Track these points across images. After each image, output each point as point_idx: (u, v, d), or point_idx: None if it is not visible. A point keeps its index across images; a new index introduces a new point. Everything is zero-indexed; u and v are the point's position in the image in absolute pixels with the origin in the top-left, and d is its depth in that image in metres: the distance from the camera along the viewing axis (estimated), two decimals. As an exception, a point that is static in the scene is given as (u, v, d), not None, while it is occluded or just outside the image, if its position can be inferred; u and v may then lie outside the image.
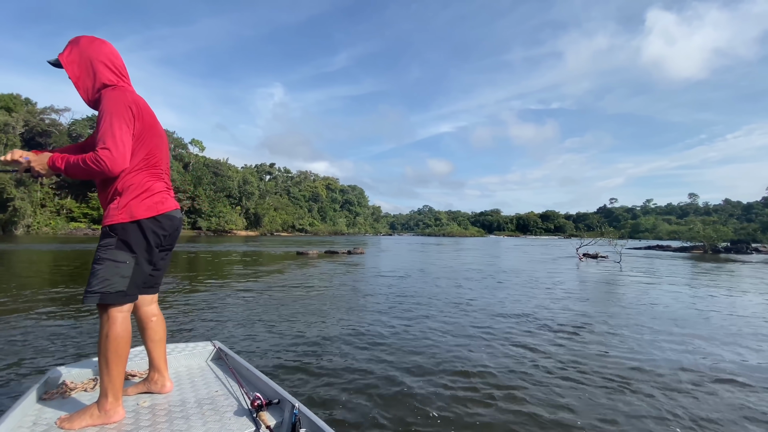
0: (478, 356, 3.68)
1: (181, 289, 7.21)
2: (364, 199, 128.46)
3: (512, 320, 5.13)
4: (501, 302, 6.39)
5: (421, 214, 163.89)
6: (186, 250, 19.10)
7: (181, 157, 72.10)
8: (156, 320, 1.77)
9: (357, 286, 8.03)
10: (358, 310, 5.64)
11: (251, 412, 1.50)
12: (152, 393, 1.72)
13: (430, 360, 3.53)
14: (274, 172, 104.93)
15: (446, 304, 6.13)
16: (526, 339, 4.28)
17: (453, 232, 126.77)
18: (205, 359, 2.17)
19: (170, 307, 5.54)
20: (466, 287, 8.14)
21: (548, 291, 7.82)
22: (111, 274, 1.44)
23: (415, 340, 4.15)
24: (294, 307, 5.78)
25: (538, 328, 4.76)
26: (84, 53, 1.57)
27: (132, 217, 1.48)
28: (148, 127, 1.57)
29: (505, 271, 11.86)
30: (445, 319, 5.15)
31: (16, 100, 55.12)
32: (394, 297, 6.78)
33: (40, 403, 1.60)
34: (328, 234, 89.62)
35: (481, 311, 5.64)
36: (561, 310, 5.86)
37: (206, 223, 65.80)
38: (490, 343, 4.10)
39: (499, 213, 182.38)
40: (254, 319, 4.92)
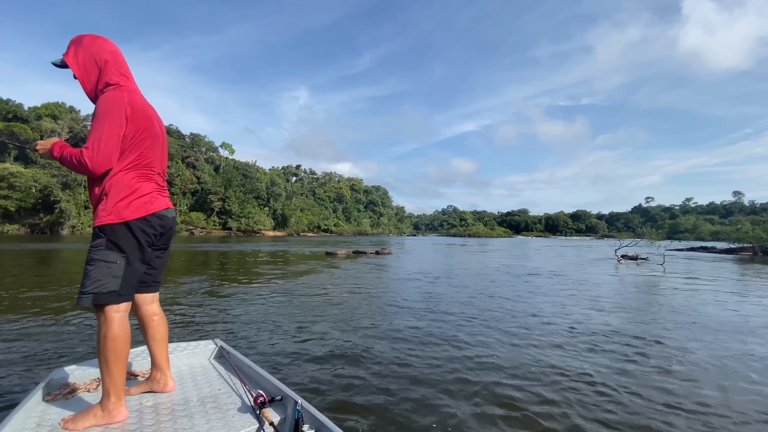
0: (505, 371, 3.42)
1: (213, 289, 7.33)
2: (387, 200, 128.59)
3: (549, 331, 4.70)
4: (538, 309, 6.02)
5: (446, 214, 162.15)
6: (217, 250, 19.74)
7: (212, 160, 74.66)
8: (157, 319, 1.77)
9: (383, 288, 7.92)
10: (381, 313, 5.49)
11: (254, 409, 1.49)
12: (155, 392, 1.72)
13: (444, 368, 3.34)
14: (300, 173, 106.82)
15: (480, 311, 5.87)
16: (571, 357, 3.74)
17: (479, 232, 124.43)
18: (207, 357, 2.17)
19: (199, 306, 5.63)
20: (498, 292, 7.84)
21: (589, 298, 7.37)
22: (102, 274, 1.45)
23: (433, 346, 3.93)
24: (318, 308, 5.73)
25: (584, 344, 4.17)
26: (88, 52, 1.58)
27: (120, 218, 1.48)
28: (142, 129, 1.57)
29: (538, 274, 11.43)
30: (474, 329, 4.80)
31: (61, 108, 58.81)
32: (421, 300, 6.60)
33: (43, 403, 1.61)
34: (353, 234, 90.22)
35: (514, 319, 5.27)
36: (606, 321, 5.46)
37: (236, 223, 67.80)
38: (515, 356, 3.83)
39: (527, 213, 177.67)
40: (276, 319, 4.91)
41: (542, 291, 7.84)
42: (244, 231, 67.71)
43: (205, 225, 64.30)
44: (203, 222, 64.42)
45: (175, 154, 64.74)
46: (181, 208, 63.70)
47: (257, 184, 76.93)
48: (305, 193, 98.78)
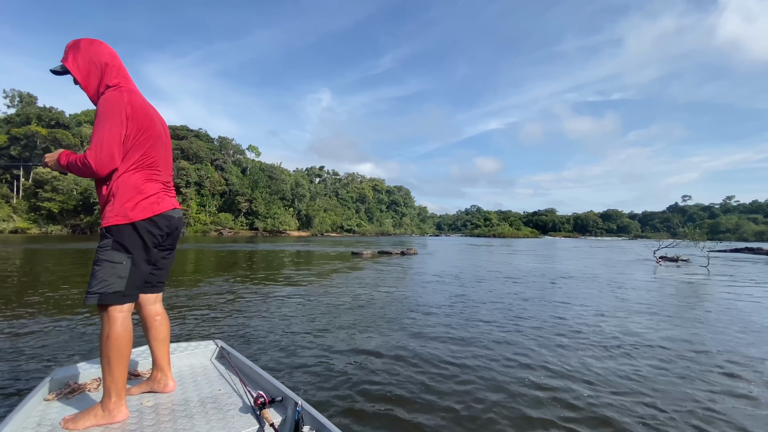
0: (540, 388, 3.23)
1: (234, 289, 7.43)
2: (410, 200, 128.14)
3: (590, 341, 4.24)
4: (576, 315, 5.69)
5: (469, 214, 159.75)
6: (243, 250, 20.22)
7: (239, 162, 76.81)
8: (160, 319, 1.77)
9: (409, 290, 7.77)
10: (403, 317, 5.27)
11: (254, 409, 1.48)
12: (155, 392, 1.72)
13: (459, 378, 3.17)
14: (323, 174, 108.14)
15: (512, 318, 5.60)
16: (614, 374, 3.29)
17: (504, 232, 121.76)
18: (208, 358, 2.16)
19: (216, 306, 5.69)
20: (531, 295, 7.54)
21: (630, 303, 6.95)
22: (108, 275, 1.46)
23: (456, 354, 3.69)
24: (338, 310, 5.66)
25: (637, 356, 3.77)
26: (87, 55, 1.60)
27: (127, 219, 1.49)
28: (143, 128, 1.57)
29: (571, 277, 10.98)
30: (507, 336, 4.53)
31: (100, 115, 61.89)
32: (448, 303, 6.36)
33: (44, 403, 1.61)
34: (375, 234, 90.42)
35: (549, 326, 4.94)
36: (654, 330, 5.10)
37: (262, 224, 69.43)
38: (550, 369, 3.58)
39: (555, 212, 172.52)
40: (293, 321, 4.86)
41: (577, 295, 7.49)
42: (270, 231, 69.21)
43: (233, 225, 66.16)
44: (231, 222, 66.32)
45: (204, 156, 67.04)
46: (210, 209, 65.86)
47: (282, 185, 78.49)
48: (328, 194, 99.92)
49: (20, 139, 50.01)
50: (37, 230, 46.52)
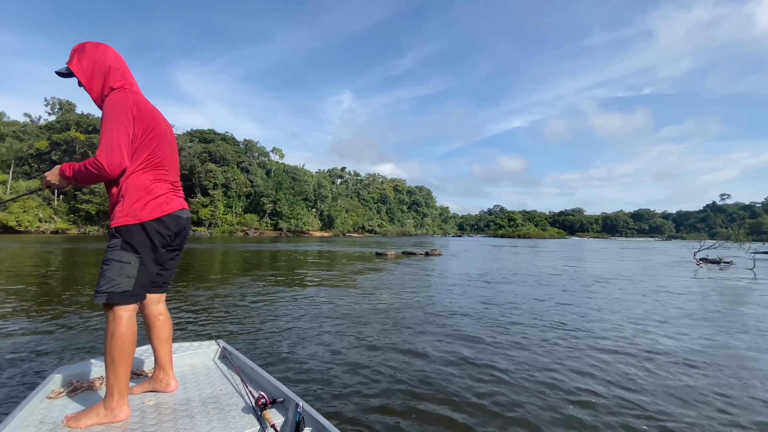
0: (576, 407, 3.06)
1: (256, 289, 7.50)
2: (431, 200, 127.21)
3: (631, 353, 3.86)
4: (614, 325, 5.36)
5: (492, 214, 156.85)
6: (268, 249, 20.60)
7: (263, 164, 78.58)
8: (163, 319, 1.77)
9: (434, 292, 7.63)
10: (425, 322, 5.10)
11: (255, 410, 1.49)
12: (157, 392, 1.72)
13: (474, 391, 3.00)
14: (344, 175, 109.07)
15: (541, 326, 5.36)
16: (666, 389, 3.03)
17: (529, 233, 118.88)
18: (210, 358, 2.16)
19: (237, 306, 5.75)
20: (564, 300, 7.24)
21: (672, 309, 6.53)
22: (117, 274, 1.47)
23: (480, 364, 3.45)
24: (357, 312, 5.59)
25: (681, 373, 3.38)
26: (91, 58, 1.61)
27: (136, 219, 1.50)
28: (150, 128, 1.58)
29: (604, 280, 10.53)
30: (530, 346, 4.21)
31: (134, 120, 64.83)
32: (472, 307, 6.16)
33: (47, 401, 1.61)
34: (397, 235, 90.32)
35: (583, 335, 4.68)
36: (704, 339, 4.81)
37: (286, 224, 70.77)
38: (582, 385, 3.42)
39: (582, 212, 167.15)
40: (313, 323, 4.81)
41: (614, 299, 7.16)
42: (293, 231, 70.45)
43: (259, 226, 67.76)
44: (257, 223, 67.95)
45: (230, 159, 69.02)
46: (237, 210, 67.72)
47: (305, 186, 79.74)
48: (350, 195, 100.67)
49: (60, 145, 53.15)
50: (76, 230, 49.25)
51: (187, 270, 10.51)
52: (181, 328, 4.39)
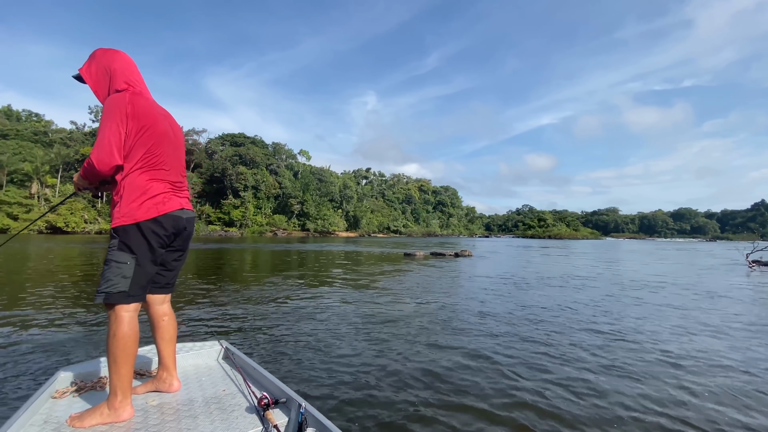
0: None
1: (285, 290, 7.54)
2: (457, 200, 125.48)
3: (695, 371, 3.46)
4: (679, 336, 5.00)
5: (521, 214, 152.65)
6: (296, 249, 20.98)
7: (291, 166, 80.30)
8: (167, 320, 1.77)
9: (466, 296, 7.45)
10: (452, 330, 4.88)
11: (258, 410, 1.49)
12: (160, 392, 1.72)
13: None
14: (369, 176, 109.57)
15: (581, 336, 4.99)
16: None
17: (561, 233, 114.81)
18: (212, 358, 2.17)
19: (278, 304, 5.79)
20: (607, 307, 6.85)
21: (727, 320, 6.04)
22: (114, 274, 1.48)
23: (509, 377, 3.22)
24: (384, 316, 5.50)
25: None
26: (99, 64, 1.64)
27: (133, 220, 1.50)
28: (145, 126, 1.56)
29: (648, 285, 9.97)
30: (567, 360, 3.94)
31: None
32: (510, 314, 5.94)
33: (51, 400, 1.61)
34: (422, 235, 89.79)
35: (649, 350, 4.24)
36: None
37: (313, 225, 72.00)
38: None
39: (617, 212, 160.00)
40: (333, 328, 4.74)
41: (667, 306, 6.75)
42: (320, 232, 71.57)
43: (287, 226, 69.32)
44: (285, 224, 69.53)
45: (260, 162, 70.97)
46: (266, 211, 69.57)
47: (331, 187, 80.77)
48: (375, 195, 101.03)
49: (106, 151, 56.26)
50: (119, 231, 51.94)
51: (219, 269, 10.85)
52: (199, 327, 4.51)
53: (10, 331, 4.12)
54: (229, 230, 61.58)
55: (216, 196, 66.07)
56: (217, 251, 18.63)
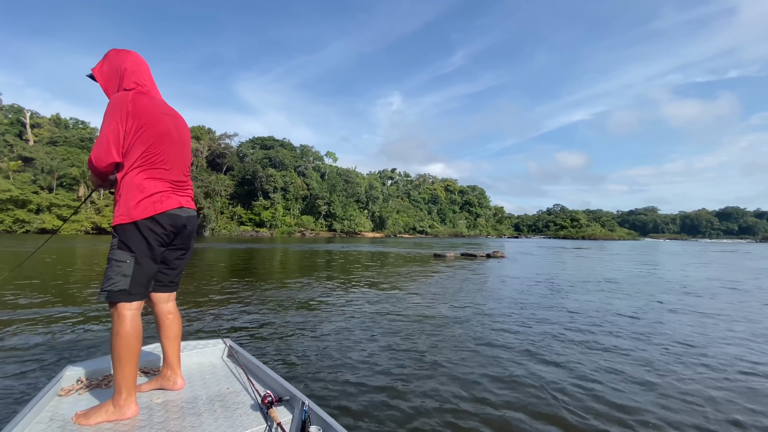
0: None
1: (312, 291, 7.42)
2: (485, 200, 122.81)
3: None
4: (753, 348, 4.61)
5: (552, 214, 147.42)
6: (324, 249, 21.07)
7: (318, 168, 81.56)
8: (172, 318, 1.78)
9: (502, 302, 7.08)
10: (483, 340, 4.55)
11: (262, 408, 1.51)
12: (165, 389, 1.73)
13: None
14: (395, 176, 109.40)
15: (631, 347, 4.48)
16: None
17: (595, 234, 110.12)
18: (216, 357, 2.18)
19: (304, 306, 5.66)
20: (664, 318, 6.33)
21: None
22: (114, 273, 1.50)
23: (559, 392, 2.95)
24: (409, 322, 5.24)
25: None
26: (110, 64, 1.67)
27: (129, 218, 1.52)
28: (146, 124, 1.57)
29: (706, 288, 9.19)
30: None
31: (201, 130, 70.87)
32: (545, 320, 5.49)
33: (57, 398, 1.63)
34: (449, 236, 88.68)
35: (727, 364, 3.89)
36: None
37: (340, 225, 72.83)
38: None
39: (656, 211, 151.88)
40: (355, 334, 4.55)
41: (735, 311, 6.15)
42: (346, 232, 72.27)
43: (314, 227, 70.46)
44: (312, 224, 70.70)
45: (288, 164, 72.54)
46: (294, 212, 71.01)
47: (357, 188, 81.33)
48: (401, 196, 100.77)
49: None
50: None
51: (245, 268, 10.98)
52: (210, 324, 4.45)
53: (25, 328, 4.18)
54: (260, 230, 63.23)
55: (247, 197, 68.03)
56: (246, 251, 19.02)
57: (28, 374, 2.90)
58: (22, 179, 47.09)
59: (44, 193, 48.02)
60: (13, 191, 43.67)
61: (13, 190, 43.76)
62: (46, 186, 48.87)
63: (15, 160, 49.54)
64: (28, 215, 44.52)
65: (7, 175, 46.31)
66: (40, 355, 3.36)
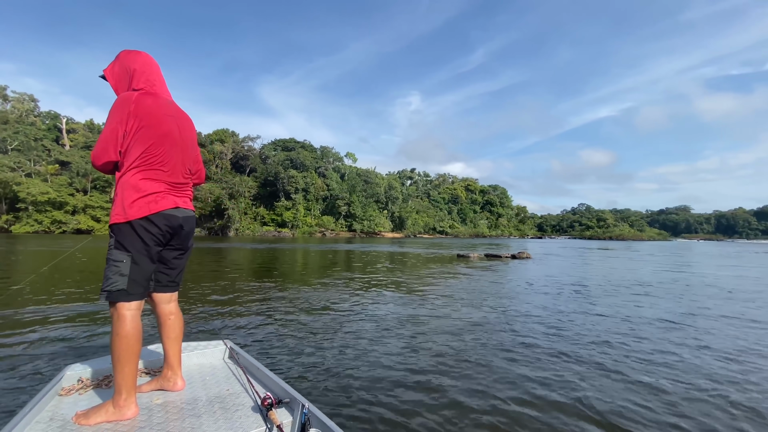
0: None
1: (332, 292, 7.32)
2: (506, 199, 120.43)
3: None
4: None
5: (577, 213, 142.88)
6: (344, 249, 21.13)
7: (338, 168, 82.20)
8: (173, 318, 1.78)
9: (533, 307, 6.81)
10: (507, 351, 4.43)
11: (262, 410, 1.52)
12: (165, 390, 1.73)
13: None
14: (414, 176, 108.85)
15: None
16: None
17: (624, 234, 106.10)
18: (217, 358, 2.17)
19: (314, 312, 5.58)
20: (717, 331, 5.96)
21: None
22: (112, 273, 1.51)
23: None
24: (432, 327, 5.09)
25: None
26: (121, 65, 1.69)
27: (125, 218, 1.52)
28: (146, 125, 1.57)
29: (758, 292, 8.61)
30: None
31: (225, 133, 72.65)
32: (581, 328, 5.12)
33: (57, 398, 1.63)
34: (469, 236, 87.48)
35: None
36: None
37: (360, 225, 73.15)
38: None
39: (688, 210, 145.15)
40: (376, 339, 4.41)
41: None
42: (366, 233, 72.49)
43: (334, 227, 71.04)
44: (333, 224, 71.30)
45: (309, 165, 73.44)
46: (315, 213, 71.83)
47: (377, 188, 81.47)
48: (420, 196, 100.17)
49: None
50: (185, 232, 56.61)
51: (264, 269, 11.07)
52: (215, 324, 4.42)
53: (30, 326, 4.21)
54: (282, 231, 64.26)
55: (270, 198, 69.29)
56: (266, 251, 19.29)
57: (29, 373, 2.90)
58: (59, 182, 49.66)
59: (80, 195, 50.49)
60: (51, 193, 46.08)
61: (51, 193, 46.17)
62: (81, 188, 51.37)
63: (52, 164, 52.31)
64: (64, 216, 46.89)
65: (45, 178, 48.88)
66: (42, 353, 3.35)
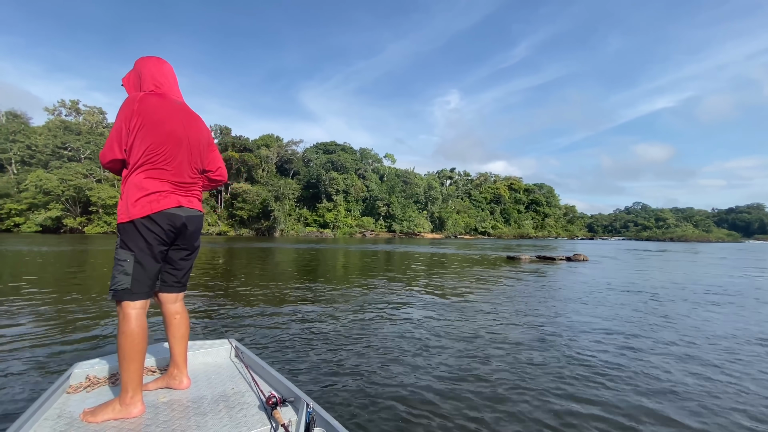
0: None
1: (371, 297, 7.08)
2: (554, 198, 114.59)
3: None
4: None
5: (631, 213, 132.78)
6: (384, 250, 20.96)
7: (377, 170, 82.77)
8: (179, 318, 1.79)
9: (601, 319, 6.12)
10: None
11: (266, 409, 1.53)
12: (171, 389, 1.75)
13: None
14: (454, 176, 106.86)
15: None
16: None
17: (687, 235, 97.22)
18: (222, 357, 2.18)
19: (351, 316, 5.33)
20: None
21: None
22: (118, 272, 1.54)
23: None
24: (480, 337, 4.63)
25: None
26: (134, 71, 1.73)
27: (128, 217, 1.54)
28: (148, 123, 1.57)
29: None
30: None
31: (270, 138, 75.69)
32: (658, 346, 4.56)
33: (65, 395, 1.65)
34: (513, 237, 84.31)
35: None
36: None
37: (399, 226, 73.14)
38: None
39: (762, 209, 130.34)
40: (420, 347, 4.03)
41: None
42: (405, 233, 72.28)
43: (374, 228, 71.59)
44: (372, 225, 71.90)
45: (349, 167, 74.69)
46: (355, 214, 72.83)
47: (416, 189, 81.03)
48: (460, 196, 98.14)
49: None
50: (233, 232, 59.61)
51: (308, 269, 11.11)
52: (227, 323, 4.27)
53: (37, 325, 4.24)
54: (324, 231, 65.79)
55: (312, 200, 71.26)
56: (308, 251, 19.59)
57: (36, 371, 2.93)
58: (126, 187, 54.17)
59: (142, 199, 54.74)
60: (118, 197, 50.36)
61: (118, 197, 50.47)
62: (143, 193, 55.69)
63: (120, 170, 57.24)
64: (130, 219, 51.08)
65: (113, 183, 53.49)
66: (50, 351, 3.38)
